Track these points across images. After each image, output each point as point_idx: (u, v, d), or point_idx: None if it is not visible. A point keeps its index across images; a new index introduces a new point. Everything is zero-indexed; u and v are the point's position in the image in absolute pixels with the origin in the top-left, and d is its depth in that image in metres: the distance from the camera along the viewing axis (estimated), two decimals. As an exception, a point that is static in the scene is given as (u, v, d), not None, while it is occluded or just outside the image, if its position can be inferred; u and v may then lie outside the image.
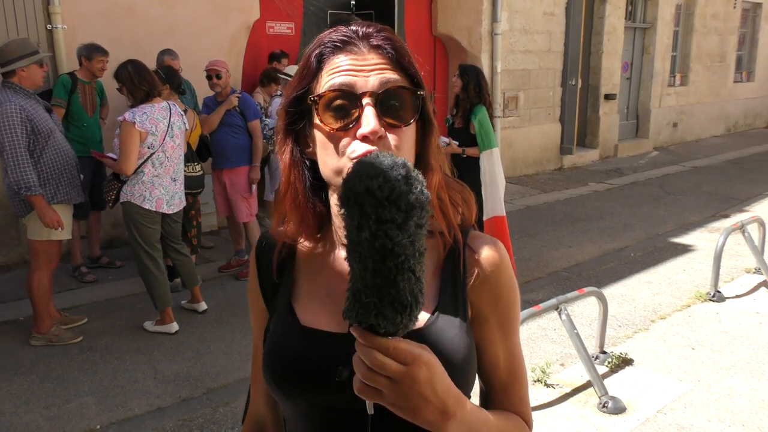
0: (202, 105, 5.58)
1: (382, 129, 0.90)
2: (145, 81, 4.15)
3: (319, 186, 1.00)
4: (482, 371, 1.06)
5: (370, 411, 0.82)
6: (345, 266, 0.94)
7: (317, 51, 0.95)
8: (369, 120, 0.89)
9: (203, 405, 3.59)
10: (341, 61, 0.93)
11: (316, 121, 0.93)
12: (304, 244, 1.06)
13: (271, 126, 5.87)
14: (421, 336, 0.92)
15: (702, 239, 6.72)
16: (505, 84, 9.46)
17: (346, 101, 0.91)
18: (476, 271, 1.01)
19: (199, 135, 5.22)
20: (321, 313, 1.00)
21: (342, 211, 0.74)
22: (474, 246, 1.02)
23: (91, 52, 5.20)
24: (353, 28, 0.96)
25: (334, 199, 0.97)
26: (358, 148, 0.89)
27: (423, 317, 0.96)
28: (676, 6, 12.58)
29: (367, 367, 0.76)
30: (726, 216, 7.66)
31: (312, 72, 0.95)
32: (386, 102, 0.91)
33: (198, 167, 5.02)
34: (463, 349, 0.97)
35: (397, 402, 0.77)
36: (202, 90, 5.70)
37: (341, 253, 1.00)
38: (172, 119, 4.27)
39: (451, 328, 0.97)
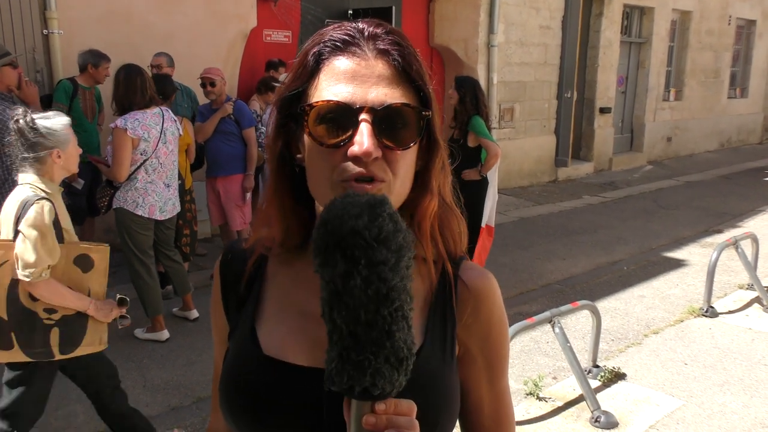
0: (197, 113, 5.56)
1: (378, 150, 0.79)
2: (131, 92, 4.07)
3: (308, 195, 0.89)
4: (465, 415, 0.97)
5: None
6: None
7: (316, 49, 0.85)
8: (363, 139, 0.77)
9: (193, 414, 3.55)
10: (341, 64, 0.82)
11: (307, 130, 0.82)
12: (277, 258, 0.96)
13: None
14: None
15: (695, 254, 6.74)
16: (500, 96, 9.50)
17: (341, 115, 0.80)
18: (468, 308, 0.93)
19: (190, 143, 5.17)
20: (288, 341, 0.89)
21: (318, 260, 0.67)
22: (466, 278, 0.94)
23: (98, 60, 5.20)
24: (360, 25, 0.85)
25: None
26: (348, 170, 0.79)
27: None
28: (671, 21, 12.68)
29: None
30: (719, 231, 7.69)
31: (308, 72, 0.85)
32: (386, 120, 0.80)
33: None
34: (446, 388, 0.90)
35: None
36: (200, 98, 5.68)
37: None
38: (165, 125, 4.25)
39: (435, 365, 0.89)
